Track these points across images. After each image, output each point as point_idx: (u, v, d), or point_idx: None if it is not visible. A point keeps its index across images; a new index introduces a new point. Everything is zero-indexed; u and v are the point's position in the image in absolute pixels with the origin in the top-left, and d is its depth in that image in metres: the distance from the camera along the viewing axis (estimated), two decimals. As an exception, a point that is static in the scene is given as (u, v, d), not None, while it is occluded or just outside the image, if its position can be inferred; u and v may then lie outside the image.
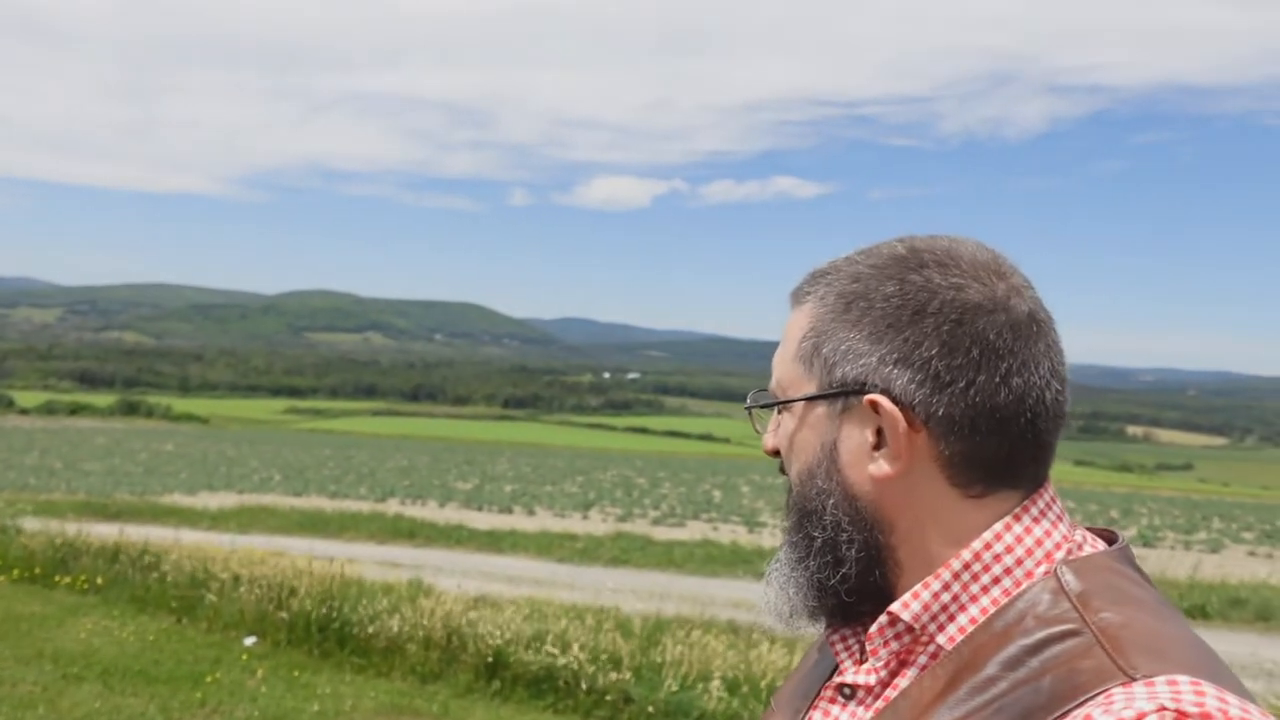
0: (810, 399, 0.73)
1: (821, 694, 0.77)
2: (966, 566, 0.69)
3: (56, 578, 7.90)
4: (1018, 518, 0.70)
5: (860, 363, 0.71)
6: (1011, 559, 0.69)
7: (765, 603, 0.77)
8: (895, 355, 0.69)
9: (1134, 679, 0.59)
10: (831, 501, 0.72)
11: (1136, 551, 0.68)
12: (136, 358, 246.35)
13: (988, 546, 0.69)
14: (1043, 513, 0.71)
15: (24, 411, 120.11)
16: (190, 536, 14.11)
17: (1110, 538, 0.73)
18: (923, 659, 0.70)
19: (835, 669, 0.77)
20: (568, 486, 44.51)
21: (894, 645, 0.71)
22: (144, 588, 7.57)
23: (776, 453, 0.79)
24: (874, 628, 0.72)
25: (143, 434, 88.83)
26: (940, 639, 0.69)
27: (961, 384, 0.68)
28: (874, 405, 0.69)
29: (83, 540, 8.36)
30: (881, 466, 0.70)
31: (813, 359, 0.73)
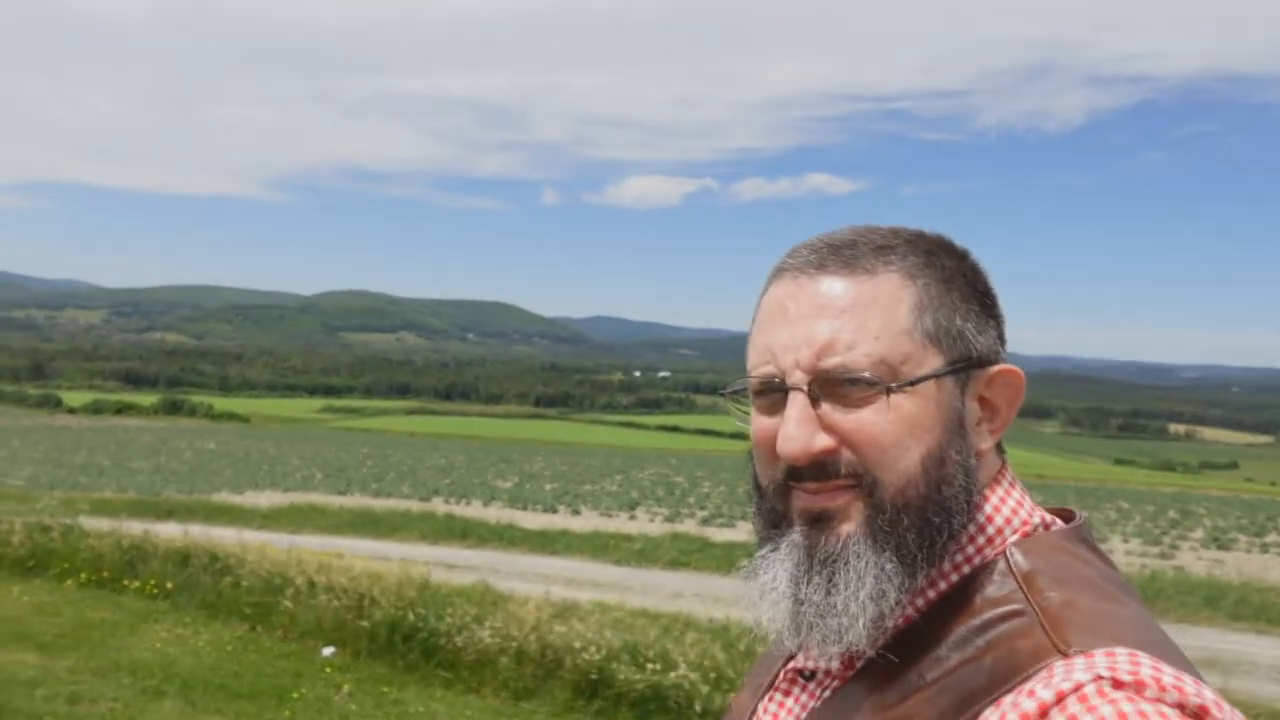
0: (943, 374, 0.70)
1: (781, 676, 0.77)
2: (958, 546, 0.71)
3: (125, 581, 7.64)
4: (998, 482, 0.74)
5: (984, 335, 0.73)
6: (983, 538, 0.71)
7: (834, 632, 0.68)
8: (997, 329, 0.75)
9: (1070, 655, 0.61)
10: (964, 479, 0.70)
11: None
12: (179, 358, 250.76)
13: (978, 509, 0.72)
14: (1012, 483, 0.75)
15: (72, 411, 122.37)
16: (245, 536, 13.94)
17: (1068, 517, 0.75)
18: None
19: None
20: (607, 485, 44.16)
21: None
22: (215, 593, 7.28)
23: (824, 454, 0.69)
24: None
25: (186, 432, 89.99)
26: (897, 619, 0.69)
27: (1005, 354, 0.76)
28: (1001, 375, 0.73)
29: (150, 543, 8.10)
30: (987, 439, 0.73)
31: (939, 333, 0.71)
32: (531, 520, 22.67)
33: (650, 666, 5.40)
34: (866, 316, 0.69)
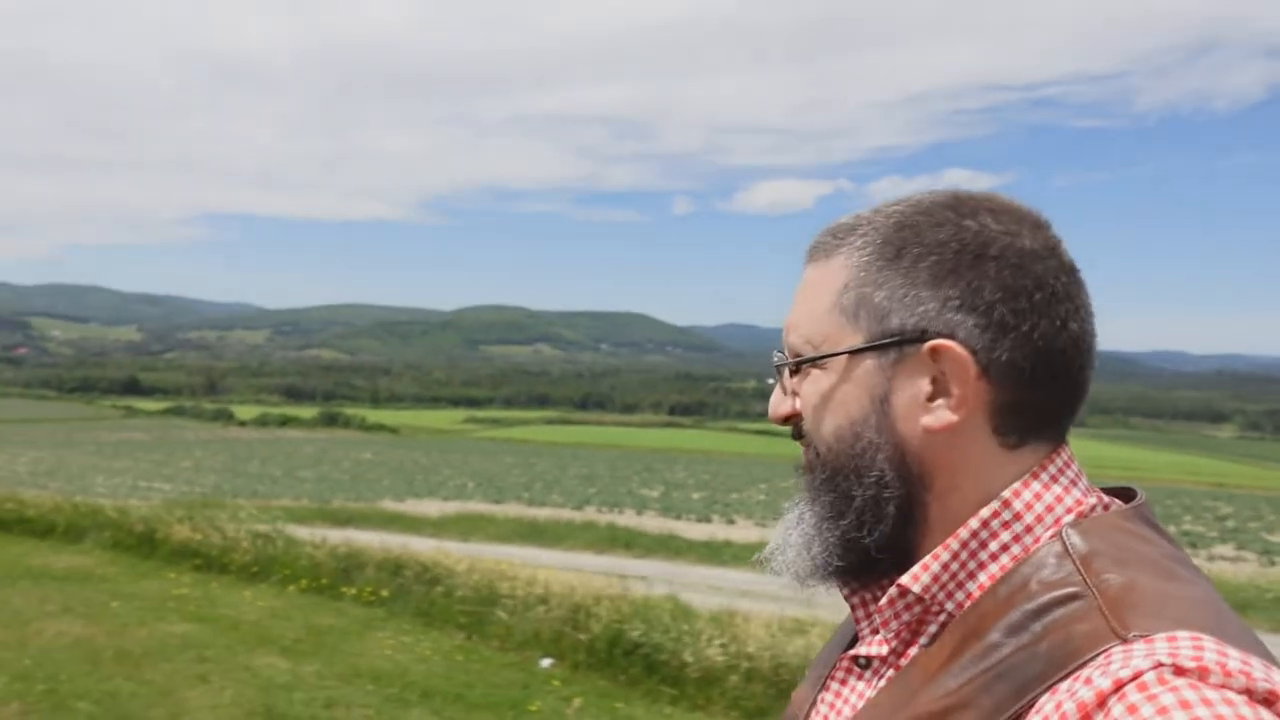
0: (857, 351, 0.70)
1: (839, 664, 0.76)
2: (974, 535, 0.68)
3: (343, 589, 7.94)
4: (1035, 475, 0.68)
5: (920, 309, 0.68)
6: (1020, 526, 0.67)
7: (782, 562, 0.74)
8: (958, 300, 0.67)
9: (1129, 640, 0.58)
10: (881, 456, 0.69)
11: None
12: (333, 373, 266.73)
13: (1006, 504, 0.68)
14: (1060, 471, 0.69)
15: (242, 424, 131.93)
16: (418, 544, 14.43)
17: (1129, 496, 0.71)
18: (933, 628, 0.69)
19: (855, 638, 0.77)
20: (754, 494, 43.70)
21: (905, 616, 0.70)
22: (428, 602, 7.44)
23: (788, 419, 0.76)
24: (884, 600, 0.70)
25: (344, 443, 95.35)
26: (949, 606, 0.68)
27: (1025, 328, 0.67)
28: (936, 352, 0.67)
29: (364, 552, 8.40)
30: (941, 416, 0.68)
31: (858, 310, 0.70)
32: (691, 530, 22.66)
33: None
34: (808, 299, 0.74)
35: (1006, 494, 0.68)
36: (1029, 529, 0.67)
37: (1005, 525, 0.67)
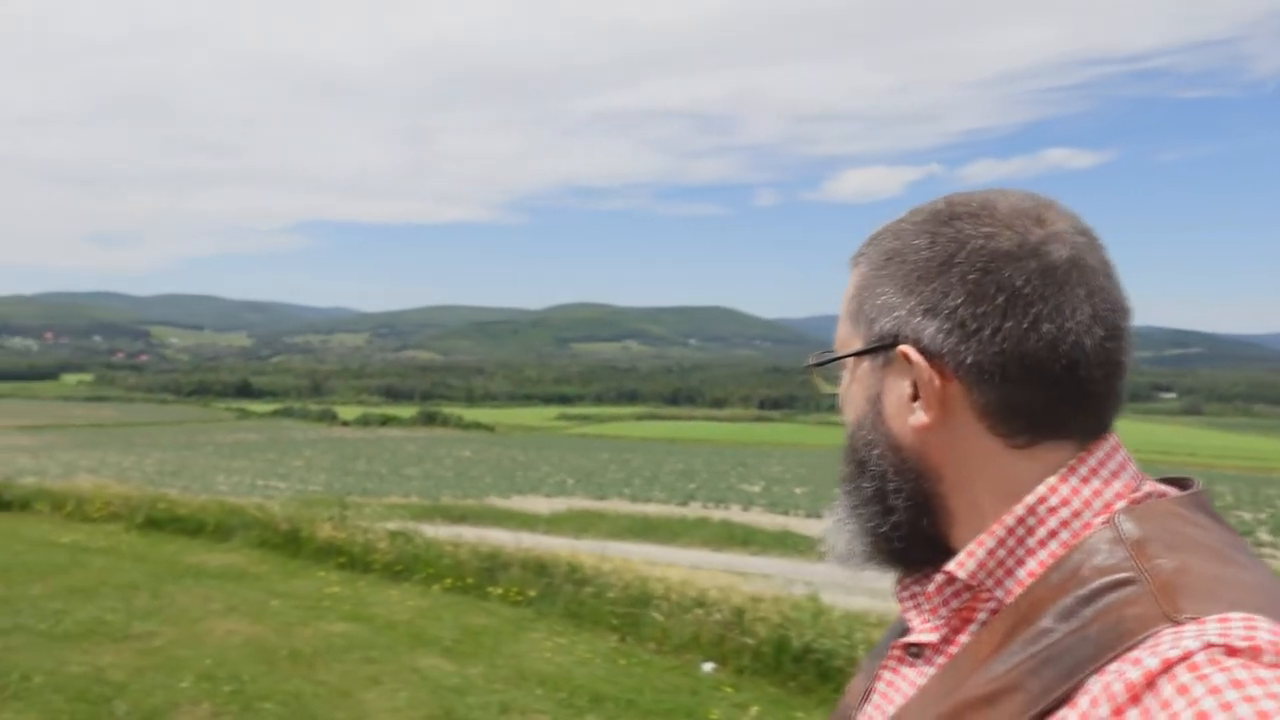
0: (856, 354, 0.76)
1: (890, 653, 0.78)
2: (1020, 521, 0.68)
3: (488, 588, 7.90)
4: (1073, 470, 0.69)
5: (893, 315, 0.72)
6: (1068, 511, 0.68)
7: (829, 545, 0.79)
8: (924, 306, 0.71)
9: (1180, 621, 0.58)
10: (877, 452, 0.74)
11: None
12: (430, 373, 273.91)
13: (1041, 500, 0.68)
14: (1097, 467, 0.69)
15: (345, 424, 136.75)
16: (532, 540, 14.45)
17: (1185, 485, 0.71)
18: (983, 615, 0.70)
19: (907, 629, 0.78)
20: (857, 489, 42.82)
21: (954, 603, 0.71)
22: (577, 602, 7.32)
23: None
24: (932, 586, 0.72)
25: (443, 442, 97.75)
26: (999, 594, 0.69)
27: (988, 331, 0.68)
28: (905, 356, 0.71)
29: (506, 551, 8.36)
30: (919, 417, 0.71)
31: (858, 316, 0.76)
32: (804, 526, 22.20)
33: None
34: (841, 304, 0.79)
35: (1042, 489, 0.68)
36: (1076, 515, 0.68)
37: (1050, 512, 0.68)
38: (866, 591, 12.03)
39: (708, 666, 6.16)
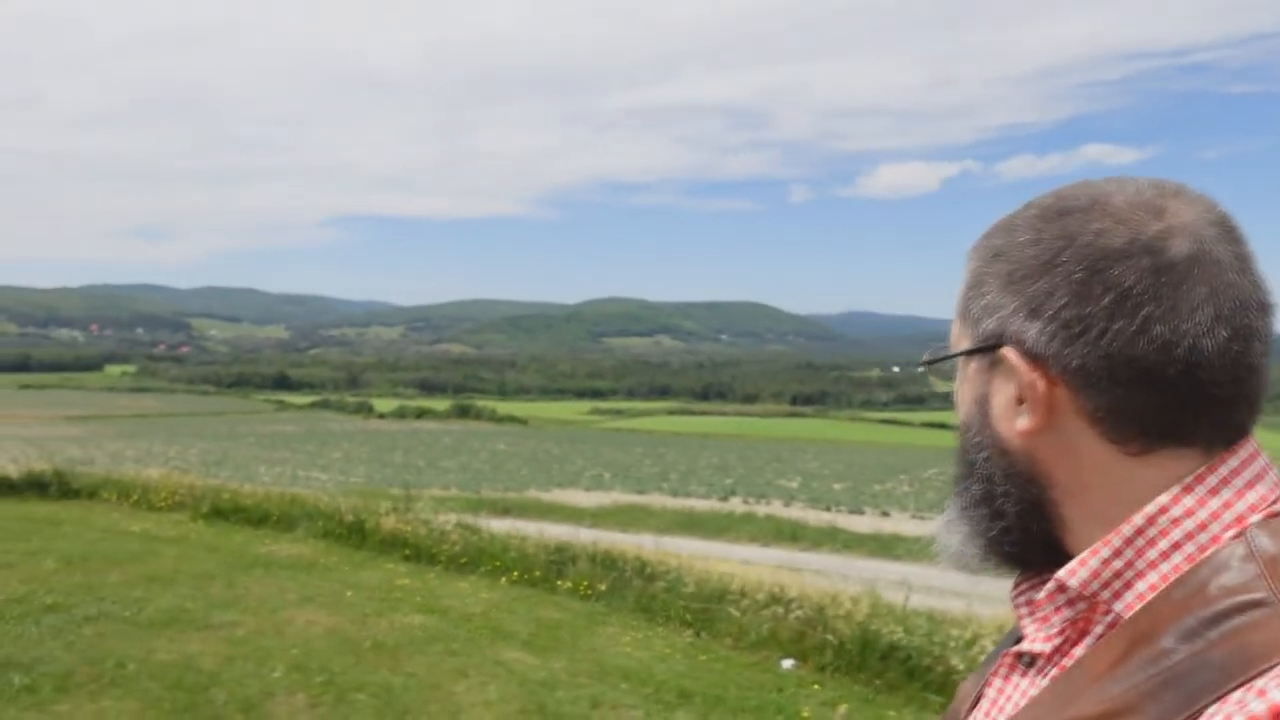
0: (966, 354, 0.73)
1: (1002, 660, 0.75)
2: (1140, 532, 0.64)
3: (557, 582, 7.89)
4: (1200, 479, 0.64)
5: (997, 315, 0.69)
6: (1193, 523, 0.63)
7: (941, 546, 0.76)
8: (1028, 307, 0.67)
9: None
10: (985, 455, 0.71)
11: None
12: (463, 366, 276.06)
13: (1163, 510, 0.63)
14: (1229, 476, 0.64)
15: (381, 416, 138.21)
16: (580, 534, 14.45)
17: None
18: (1099, 628, 0.66)
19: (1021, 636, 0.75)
20: (897, 486, 42.37)
21: (1066, 612, 0.68)
22: (648, 597, 7.28)
23: None
24: (1043, 593, 0.69)
25: (478, 434, 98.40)
26: (1118, 607, 0.65)
27: (1093, 333, 0.64)
28: (1007, 358, 0.68)
29: (573, 545, 8.34)
30: (1024, 421, 0.67)
31: (966, 314, 0.73)
32: (849, 523, 22.01)
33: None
34: (957, 300, 0.76)
35: (1164, 498, 0.64)
36: (1202, 527, 0.63)
37: (1174, 523, 0.63)
38: (950, 591, 11.89)
39: (787, 663, 6.10)
